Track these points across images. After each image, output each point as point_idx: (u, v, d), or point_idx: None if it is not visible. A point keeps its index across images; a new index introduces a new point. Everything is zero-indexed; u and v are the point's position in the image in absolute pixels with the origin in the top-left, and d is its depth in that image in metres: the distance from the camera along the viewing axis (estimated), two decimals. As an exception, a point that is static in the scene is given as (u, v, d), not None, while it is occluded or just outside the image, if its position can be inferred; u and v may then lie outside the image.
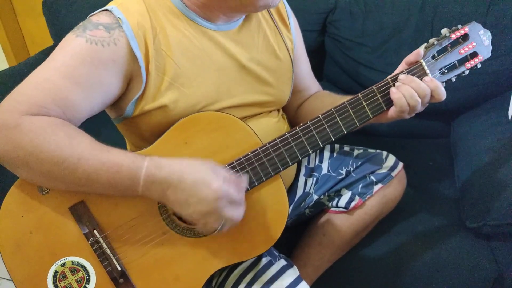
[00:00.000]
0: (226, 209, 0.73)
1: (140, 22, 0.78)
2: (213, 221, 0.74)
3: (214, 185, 0.71)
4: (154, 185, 0.72)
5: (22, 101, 0.70)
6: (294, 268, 0.91)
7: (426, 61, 0.84)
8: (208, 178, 0.72)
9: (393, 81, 0.84)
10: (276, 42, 0.95)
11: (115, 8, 0.78)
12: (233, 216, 0.74)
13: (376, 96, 0.84)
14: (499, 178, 1.06)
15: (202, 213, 0.72)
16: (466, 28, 0.85)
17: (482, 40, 0.85)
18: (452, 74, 0.86)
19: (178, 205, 0.73)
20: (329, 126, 0.83)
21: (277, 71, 0.95)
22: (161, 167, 0.72)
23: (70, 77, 0.73)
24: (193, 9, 0.83)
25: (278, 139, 0.82)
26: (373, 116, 0.84)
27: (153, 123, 0.83)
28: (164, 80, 0.81)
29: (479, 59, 0.86)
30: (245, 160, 0.81)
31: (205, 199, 0.71)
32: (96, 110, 0.79)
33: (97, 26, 0.76)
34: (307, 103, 1.09)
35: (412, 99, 0.81)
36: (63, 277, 0.78)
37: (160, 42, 0.80)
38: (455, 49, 0.85)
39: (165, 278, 0.82)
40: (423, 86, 0.81)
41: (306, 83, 1.09)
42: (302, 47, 1.06)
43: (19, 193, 0.76)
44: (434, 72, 0.85)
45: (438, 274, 1.08)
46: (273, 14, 0.97)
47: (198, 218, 0.73)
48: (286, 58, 0.97)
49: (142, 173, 0.71)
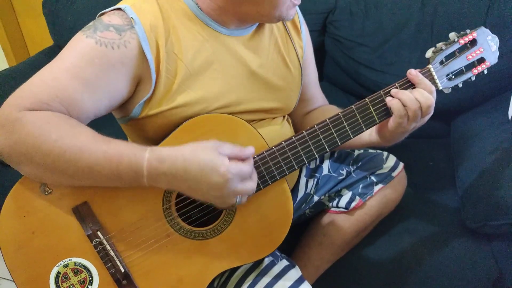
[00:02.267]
0: (239, 186, 0.73)
1: (153, 23, 0.77)
2: (229, 200, 0.74)
3: (221, 169, 0.70)
4: (159, 177, 0.72)
5: (26, 97, 0.70)
6: (297, 268, 0.91)
7: (434, 67, 0.83)
8: (213, 163, 0.71)
9: (401, 86, 0.83)
10: (287, 50, 0.95)
11: (128, 8, 0.77)
12: (247, 189, 0.75)
13: (384, 101, 0.83)
14: (499, 178, 1.06)
15: (215, 197, 0.73)
16: (475, 34, 0.83)
17: (490, 46, 0.84)
18: (459, 80, 0.85)
19: (190, 192, 0.73)
20: (336, 131, 0.82)
21: (286, 79, 0.94)
22: (163, 160, 0.71)
23: (77, 78, 0.72)
24: (207, 12, 0.82)
25: (285, 143, 0.81)
26: (380, 121, 0.83)
27: (159, 125, 0.82)
28: (174, 83, 0.80)
29: (486, 65, 0.85)
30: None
31: (216, 185, 0.71)
32: (102, 112, 0.78)
33: (108, 28, 0.75)
34: (313, 115, 1.08)
35: (411, 102, 0.79)
36: (65, 278, 0.77)
37: (172, 45, 0.79)
38: (463, 55, 0.84)
39: (168, 280, 0.81)
40: (426, 95, 0.80)
41: (312, 92, 1.08)
42: (311, 56, 1.06)
43: (21, 193, 0.76)
44: (442, 78, 0.84)
45: (438, 274, 1.08)
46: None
47: (214, 200, 0.74)
48: (296, 65, 0.96)
49: (144, 166, 0.71)
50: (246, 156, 0.75)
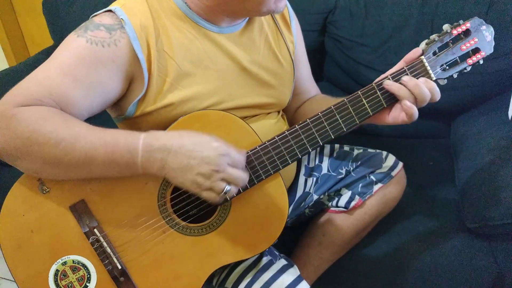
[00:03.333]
0: (229, 169, 0.74)
1: (143, 23, 0.79)
2: (218, 182, 0.74)
3: (214, 143, 0.73)
4: (154, 154, 0.72)
5: (19, 94, 0.71)
6: (295, 268, 0.91)
7: (427, 57, 0.83)
8: (207, 139, 0.74)
9: (393, 77, 0.83)
10: (277, 45, 0.95)
11: (118, 9, 0.79)
12: (239, 175, 0.75)
13: (376, 93, 0.83)
14: (499, 178, 1.06)
15: (206, 174, 0.73)
16: (468, 24, 0.83)
17: (485, 36, 0.84)
18: (454, 71, 0.84)
19: (180, 171, 0.73)
20: (329, 124, 0.82)
21: (278, 74, 0.95)
22: (158, 137, 0.73)
23: (69, 75, 0.74)
24: (196, 11, 0.83)
25: (278, 137, 0.82)
26: (373, 113, 0.83)
27: (154, 123, 0.84)
28: (166, 82, 0.81)
29: (481, 55, 0.84)
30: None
31: (207, 158, 0.72)
32: (96, 110, 0.79)
33: (99, 27, 0.77)
34: (305, 106, 1.09)
35: (417, 88, 0.79)
36: (64, 275, 0.78)
37: (162, 44, 0.80)
38: (457, 45, 0.84)
39: (165, 276, 0.82)
40: (427, 86, 0.80)
41: (305, 86, 1.09)
42: (303, 50, 1.07)
43: (20, 192, 0.76)
44: (435, 68, 0.83)
45: (438, 274, 1.08)
46: (276, 15, 0.97)
47: (203, 182, 0.73)
48: (288, 60, 0.97)
49: (140, 143, 0.72)
50: (238, 149, 0.77)
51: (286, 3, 0.99)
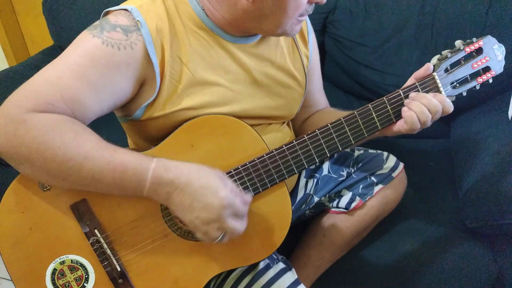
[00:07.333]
0: (230, 219, 0.72)
1: (159, 26, 0.77)
2: (214, 230, 0.73)
3: (221, 193, 0.71)
4: (161, 187, 0.71)
5: (30, 97, 0.68)
6: (293, 271, 0.91)
7: (438, 74, 0.82)
8: (215, 186, 0.72)
9: (404, 93, 0.82)
10: (292, 59, 0.94)
11: (135, 10, 0.76)
12: (235, 228, 0.74)
13: (387, 107, 0.82)
14: (499, 178, 1.05)
15: (205, 220, 0.72)
16: (481, 42, 0.82)
17: (496, 55, 0.83)
18: (464, 89, 0.84)
19: (182, 209, 0.72)
20: (338, 136, 0.82)
21: (290, 88, 0.94)
22: (168, 169, 0.71)
23: (82, 77, 0.71)
24: (213, 19, 0.81)
25: (285, 146, 0.81)
26: (382, 127, 0.83)
27: (161, 127, 0.82)
28: (177, 88, 0.80)
29: (492, 74, 0.84)
30: (251, 166, 0.80)
31: (211, 206, 0.71)
32: (105, 111, 0.77)
33: (115, 28, 0.74)
34: (313, 118, 1.08)
35: (424, 115, 0.79)
36: (61, 275, 0.77)
37: (177, 49, 0.79)
38: (468, 63, 0.83)
39: (164, 280, 0.81)
40: (435, 102, 0.80)
41: (316, 99, 1.08)
42: (317, 64, 1.06)
43: (19, 189, 0.75)
44: (446, 86, 0.83)
45: (438, 274, 1.08)
46: None
47: (200, 225, 0.72)
48: (301, 75, 0.96)
49: (149, 175, 0.70)
50: (245, 198, 0.75)
51: (306, 20, 0.98)
